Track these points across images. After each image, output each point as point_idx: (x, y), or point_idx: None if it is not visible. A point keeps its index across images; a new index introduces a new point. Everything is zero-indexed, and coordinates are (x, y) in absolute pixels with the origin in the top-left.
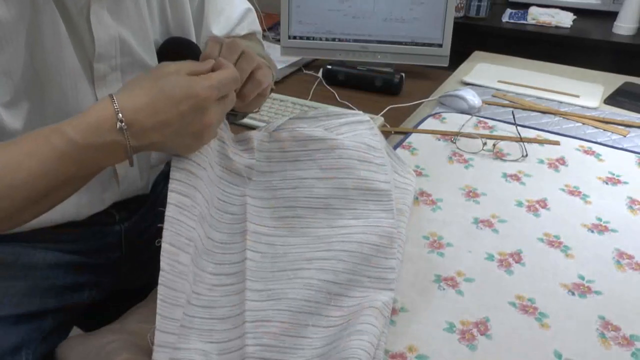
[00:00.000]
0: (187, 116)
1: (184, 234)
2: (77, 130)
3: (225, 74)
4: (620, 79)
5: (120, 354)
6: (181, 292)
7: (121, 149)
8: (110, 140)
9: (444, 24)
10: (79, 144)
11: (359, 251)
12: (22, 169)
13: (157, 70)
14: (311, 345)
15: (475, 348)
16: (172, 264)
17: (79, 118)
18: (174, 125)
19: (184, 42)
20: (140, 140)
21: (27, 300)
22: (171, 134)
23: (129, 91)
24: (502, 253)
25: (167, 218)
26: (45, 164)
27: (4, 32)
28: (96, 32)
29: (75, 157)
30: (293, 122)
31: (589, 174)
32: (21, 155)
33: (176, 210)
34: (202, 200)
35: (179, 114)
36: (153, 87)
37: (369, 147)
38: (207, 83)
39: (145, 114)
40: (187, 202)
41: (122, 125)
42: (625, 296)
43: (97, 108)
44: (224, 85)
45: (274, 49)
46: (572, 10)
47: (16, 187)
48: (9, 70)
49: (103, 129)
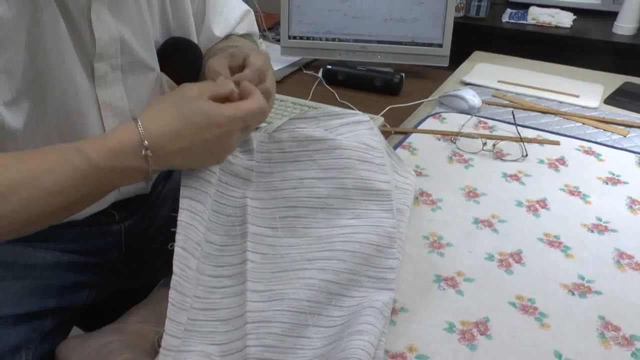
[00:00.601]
0: (210, 143)
1: (194, 239)
2: (99, 153)
3: (254, 106)
4: (620, 79)
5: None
6: (188, 296)
7: (141, 173)
8: (132, 165)
9: (444, 24)
10: (100, 166)
11: (359, 251)
12: (38, 186)
13: (180, 94)
14: (311, 345)
15: (475, 348)
16: (183, 269)
17: (101, 140)
18: (196, 150)
19: (185, 42)
20: (161, 164)
21: (27, 300)
22: (191, 157)
23: (152, 116)
24: (502, 253)
25: (180, 223)
26: (62, 182)
27: (5, 31)
28: (97, 32)
29: (94, 179)
30: (293, 123)
31: (589, 174)
32: (39, 171)
33: (189, 215)
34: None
35: (203, 141)
36: (177, 113)
37: (368, 147)
38: (232, 113)
39: (169, 140)
40: (199, 207)
41: (147, 152)
42: (625, 296)
43: (121, 132)
44: (251, 117)
45: (274, 49)
46: (572, 10)
47: (31, 202)
48: (10, 70)
49: (126, 153)
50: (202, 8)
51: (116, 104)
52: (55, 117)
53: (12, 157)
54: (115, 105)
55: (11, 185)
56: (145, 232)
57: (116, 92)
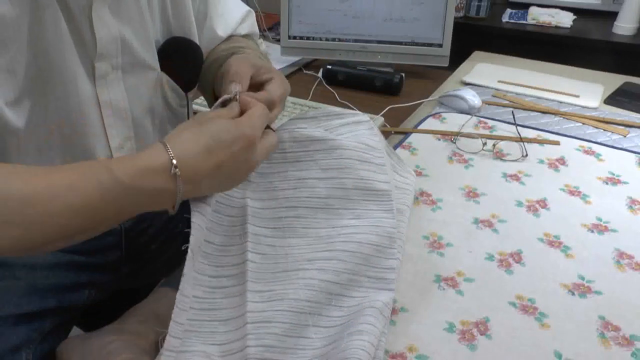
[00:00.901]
0: (238, 157)
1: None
2: (126, 171)
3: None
4: (620, 79)
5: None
6: (188, 297)
7: (168, 196)
8: (160, 186)
9: (444, 24)
10: (126, 184)
11: (359, 251)
12: (60, 200)
13: (198, 118)
14: (312, 345)
15: (475, 348)
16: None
17: (129, 160)
18: (226, 167)
19: (185, 42)
20: (191, 185)
21: (27, 300)
22: (221, 177)
23: (178, 138)
24: (502, 253)
25: (194, 224)
26: (84, 199)
27: (8, 29)
28: (98, 31)
29: (118, 198)
30: (293, 123)
31: (589, 174)
32: (62, 185)
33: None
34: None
35: (232, 155)
36: (202, 132)
37: (368, 147)
38: (251, 122)
39: (198, 159)
40: (208, 209)
41: (175, 170)
42: (625, 296)
43: (149, 153)
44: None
45: (274, 49)
46: (572, 10)
47: (50, 217)
48: (13, 69)
49: (154, 173)
50: (203, 8)
51: (116, 104)
52: (55, 117)
53: (35, 170)
54: (115, 105)
55: (31, 197)
56: (145, 232)
57: (117, 92)
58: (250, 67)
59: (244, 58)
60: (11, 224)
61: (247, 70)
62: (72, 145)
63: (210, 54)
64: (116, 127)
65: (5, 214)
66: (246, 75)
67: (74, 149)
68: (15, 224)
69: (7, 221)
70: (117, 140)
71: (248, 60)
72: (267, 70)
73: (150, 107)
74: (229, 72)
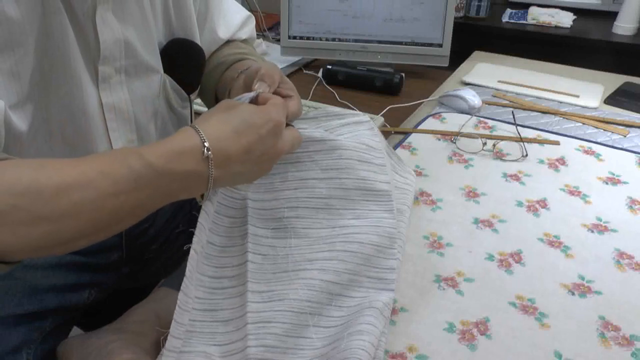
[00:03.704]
0: (266, 140)
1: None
2: (157, 156)
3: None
4: (620, 79)
5: (120, 353)
6: (190, 297)
7: (200, 180)
8: (192, 169)
9: (444, 24)
10: (158, 169)
11: (359, 251)
12: (92, 187)
13: (224, 104)
14: (312, 345)
15: (475, 348)
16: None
17: (159, 144)
18: (255, 151)
19: (188, 43)
20: (222, 169)
21: (27, 300)
22: (250, 162)
23: (207, 122)
24: (502, 253)
25: (199, 225)
26: (118, 184)
27: (15, 33)
28: (101, 34)
29: (151, 183)
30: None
31: (589, 174)
32: (93, 173)
33: (205, 216)
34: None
35: (260, 139)
36: (232, 115)
37: (369, 147)
38: (277, 109)
39: (229, 142)
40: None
41: (208, 153)
42: (625, 296)
43: (180, 137)
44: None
45: (274, 49)
46: (572, 10)
47: (83, 206)
48: (18, 72)
49: (186, 156)
50: (204, 9)
51: (120, 107)
52: (58, 119)
53: (61, 161)
54: (118, 108)
55: (62, 187)
56: (145, 233)
57: (120, 95)
58: (280, 75)
59: (273, 65)
60: (42, 218)
61: (277, 78)
62: (74, 148)
63: (213, 57)
64: (119, 130)
65: (37, 208)
66: (276, 81)
67: (76, 152)
68: (46, 218)
69: (38, 216)
70: (120, 143)
71: (277, 68)
72: (290, 87)
73: (154, 110)
74: (259, 72)
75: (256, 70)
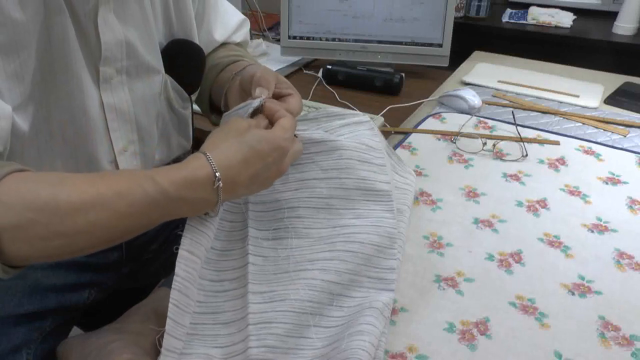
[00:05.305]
0: (270, 167)
1: (203, 244)
2: (171, 183)
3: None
4: (620, 79)
5: (120, 353)
6: (191, 299)
7: (208, 205)
8: (202, 197)
9: (444, 24)
10: (171, 195)
11: (360, 251)
12: (108, 208)
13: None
14: (312, 345)
15: (475, 348)
16: (188, 271)
17: (172, 170)
18: (260, 177)
19: (188, 44)
20: (228, 195)
21: (27, 300)
22: (255, 185)
23: (217, 149)
24: (502, 253)
25: (188, 227)
26: (133, 206)
27: (20, 35)
28: (103, 36)
29: (164, 207)
30: None
31: (589, 174)
32: (110, 193)
33: (198, 219)
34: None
35: (266, 165)
36: (242, 143)
37: (369, 147)
38: (285, 135)
39: (238, 171)
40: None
41: (219, 183)
42: (625, 296)
43: (192, 165)
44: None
45: (274, 49)
46: (572, 10)
47: (97, 225)
48: (21, 74)
49: (198, 184)
50: (201, 10)
51: (121, 107)
52: (59, 119)
53: (82, 178)
54: (119, 109)
55: (80, 205)
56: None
57: (121, 95)
58: (275, 77)
59: (267, 68)
60: (59, 234)
61: (272, 79)
62: (74, 149)
63: (207, 59)
64: (120, 130)
65: (55, 224)
66: (272, 83)
67: (77, 152)
68: (62, 234)
69: (55, 231)
70: (121, 144)
71: (271, 70)
72: (288, 85)
73: (155, 110)
74: (255, 76)
75: (251, 75)
